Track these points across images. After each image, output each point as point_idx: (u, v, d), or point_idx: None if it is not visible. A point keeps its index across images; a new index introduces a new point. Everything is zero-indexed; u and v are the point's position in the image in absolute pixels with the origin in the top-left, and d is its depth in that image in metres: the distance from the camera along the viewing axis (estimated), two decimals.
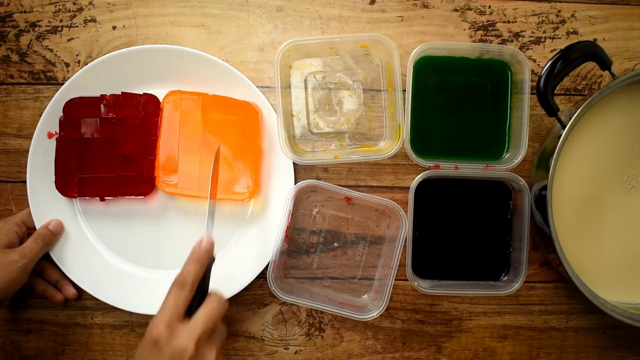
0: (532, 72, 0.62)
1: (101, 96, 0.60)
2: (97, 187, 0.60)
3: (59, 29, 0.63)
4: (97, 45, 0.63)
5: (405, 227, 0.59)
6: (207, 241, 0.52)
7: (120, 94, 0.61)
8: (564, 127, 0.56)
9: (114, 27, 0.63)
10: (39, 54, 0.63)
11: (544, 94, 0.55)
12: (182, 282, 0.49)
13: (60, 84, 0.63)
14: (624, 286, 0.62)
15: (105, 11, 0.63)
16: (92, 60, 0.61)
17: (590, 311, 0.65)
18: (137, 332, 0.63)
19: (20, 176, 0.63)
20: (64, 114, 0.60)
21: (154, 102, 0.61)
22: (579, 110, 0.55)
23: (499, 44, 0.65)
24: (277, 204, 0.62)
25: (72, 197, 0.61)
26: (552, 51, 0.65)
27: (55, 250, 0.61)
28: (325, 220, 0.63)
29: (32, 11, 0.63)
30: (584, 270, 0.59)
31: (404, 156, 0.62)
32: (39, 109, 0.62)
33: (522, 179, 0.60)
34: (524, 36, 0.65)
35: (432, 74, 0.63)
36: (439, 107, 0.63)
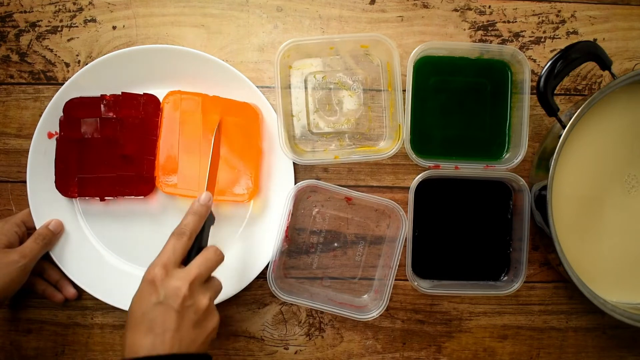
0: (532, 72, 0.62)
1: (101, 96, 0.60)
2: (97, 187, 0.60)
3: (59, 29, 0.63)
4: (97, 45, 0.63)
5: (405, 227, 0.59)
6: (205, 195, 0.55)
7: (120, 94, 0.61)
8: (564, 127, 0.56)
9: (114, 27, 0.63)
10: (39, 54, 0.63)
11: (544, 94, 0.55)
12: (180, 232, 0.51)
13: (60, 84, 0.63)
14: (624, 286, 0.62)
15: (105, 11, 0.63)
16: (92, 60, 0.61)
17: (590, 311, 0.65)
18: None
19: (20, 176, 0.63)
20: (64, 114, 0.60)
21: (154, 102, 0.61)
22: (579, 110, 0.55)
23: (499, 44, 0.65)
24: (277, 204, 0.62)
25: (72, 197, 0.61)
26: (552, 51, 0.65)
27: (55, 250, 0.61)
28: (325, 220, 0.63)
29: (32, 11, 0.63)
30: (584, 270, 0.59)
31: (404, 156, 0.62)
32: (39, 109, 0.62)
33: (522, 179, 0.60)
34: (524, 36, 0.65)
35: (432, 74, 0.63)
36: (439, 107, 0.63)
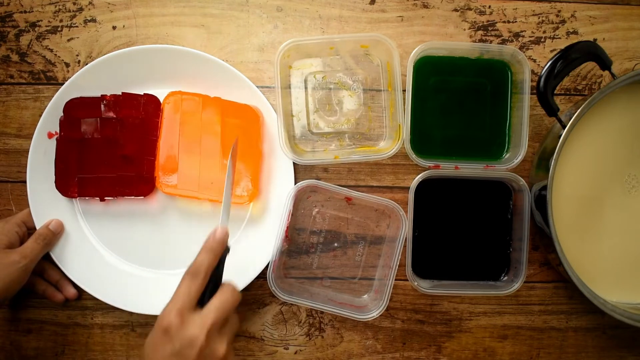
0: (532, 72, 0.62)
1: (101, 96, 0.60)
2: (97, 187, 0.60)
3: (59, 29, 0.63)
4: (97, 45, 0.63)
5: (405, 227, 0.59)
6: (221, 231, 0.51)
7: (120, 94, 0.61)
8: (564, 127, 0.56)
9: (114, 27, 0.63)
10: (39, 54, 0.63)
11: (544, 94, 0.55)
12: (195, 272, 0.48)
13: (60, 84, 0.63)
14: (624, 286, 0.62)
15: (105, 11, 0.63)
16: (92, 60, 0.61)
17: (590, 311, 0.65)
18: (137, 332, 0.63)
19: (20, 176, 0.63)
20: (64, 114, 0.60)
21: (154, 102, 0.61)
22: (579, 110, 0.55)
23: (499, 44, 0.65)
24: (277, 204, 0.62)
25: (72, 197, 0.61)
26: (552, 51, 0.65)
27: (55, 250, 0.61)
28: (325, 220, 0.63)
29: (32, 11, 0.63)
30: (584, 270, 0.59)
31: (404, 156, 0.62)
32: (39, 109, 0.62)
33: (522, 179, 0.60)
34: (524, 36, 0.65)
35: (432, 74, 0.63)
36: (439, 107, 0.63)
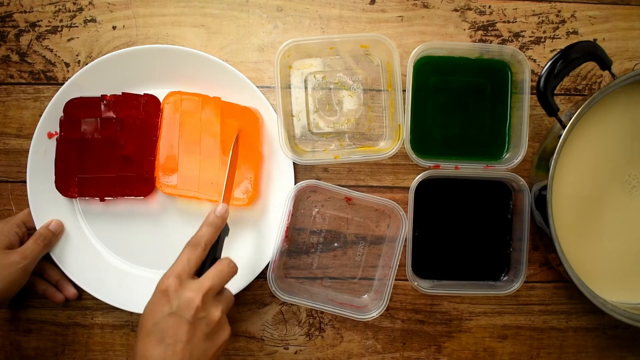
0: (532, 72, 0.62)
1: (101, 96, 0.60)
2: (97, 188, 0.60)
3: (59, 29, 0.63)
4: (97, 45, 0.63)
5: (405, 227, 0.59)
6: (222, 207, 0.55)
7: (120, 94, 0.61)
8: (564, 127, 0.56)
9: (114, 27, 0.63)
10: (39, 54, 0.63)
11: (544, 94, 0.55)
12: (195, 243, 0.52)
13: (60, 84, 0.63)
14: (624, 286, 0.62)
15: (105, 11, 0.63)
16: (92, 60, 0.61)
17: (590, 311, 0.65)
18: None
19: (20, 176, 0.63)
20: (64, 114, 0.60)
21: (155, 102, 0.61)
22: (579, 110, 0.55)
23: (499, 44, 0.65)
24: (277, 204, 0.62)
25: (72, 197, 0.61)
26: (552, 51, 0.65)
27: (55, 250, 0.61)
28: (325, 220, 0.63)
29: (32, 11, 0.63)
30: (584, 270, 0.59)
31: (404, 156, 0.62)
32: (39, 109, 0.62)
33: (522, 179, 0.60)
34: (524, 36, 0.65)
35: (432, 74, 0.63)
36: (439, 107, 0.63)
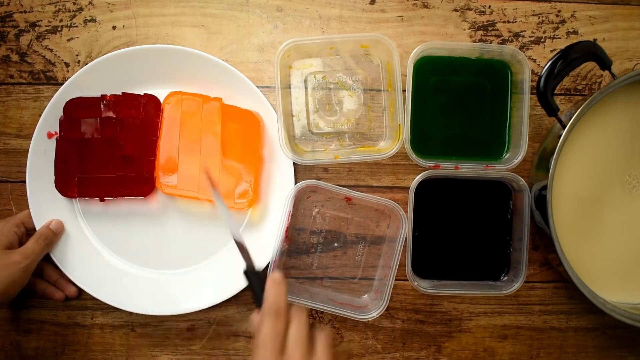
0: (532, 72, 0.62)
1: (101, 96, 0.60)
2: (97, 188, 0.60)
3: (59, 29, 0.63)
4: (97, 45, 0.63)
5: (405, 227, 0.59)
6: (277, 275, 0.48)
7: (120, 94, 0.61)
8: (564, 127, 0.56)
9: (114, 27, 0.63)
10: (39, 54, 0.63)
11: (544, 94, 0.55)
12: (274, 311, 0.45)
13: (60, 84, 0.63)
14: (624, 286, 0.62)
15: (105, 11, 0.63)
16: (92, 60, 0.61)
17: (590, 311, 0.65)
18: (137, 332, 0.63)
19: (20, 176, 0.63)
20: (64, 114, 0.60)
21: (155, 102, 0.61)
22: (579, 110, 0.55)
23: (499, 44, 0.65)
24: (277, 204, 0.62)
25: (72, 197, 0.61)
26: (552, 51, 0.65)
27: (55, 250, 0.61)
28: (325, 220, 0.63)
29: (32, 11, 0.63)
30: (584, 270, 0.59)
31: (404, 156, 0.62)
32: (39, 109, 0.62)
33: (522, 179, 0.60)
34: (524, 36, 0.65)
35: (432, 74, 0.63)
36: (439, 107, 0.63)
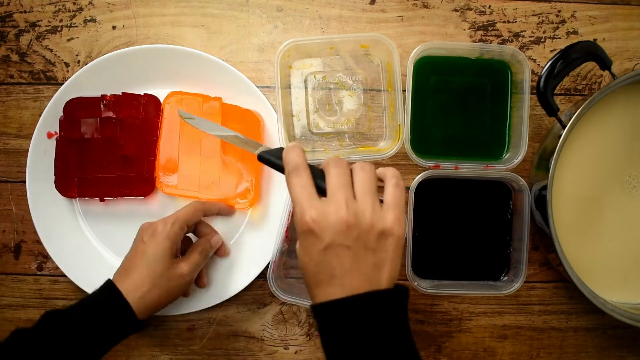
0: (532, 72, 0.62)
1: (101, 96, 0.60)
2: (97, 188, 0.60)
3: (59, 29, 0.63)
4: (97, 45, 0.63)
5: (405, 227, 0.59)
6: (290, 143, 0.46)
7: (120, 94, 0.61)
8: (564, 127, 0.56)
9: (114, 27, 0.63)
10: (39, 54, 0.63)
11: (544, 94, 0.55)
12: (294, 168, 0.43)
13: (60, 83, 0.63)
14: (624, 286, 0.62)
15: (105, 11, 0.63)
16: (92, 60, 0.61)
17: (590, 311, 0.65)
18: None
19: (20, 176, 0.63)
20: (64, 114, 0.60)
21: (155, 102, 0.61)
22: (579, 110, 0.55)
23: (499, 44, 0.65)
24: (278, 204, 0.62)
25: (72, 197, 0.61)
26: (552, 51, 0.65)
27: (54, 250, 0.61)
28: None
29: (32, 11, 0.63)
30: (584, 270, 0.59)
31: (404, 156, 0.62)
32: (39, 109, 0.62)
33: (522, 179, 0.60)
34: (524, 36, 0.65)
35: (432, 74, 0.62)
36: (439, 107, 0.63)
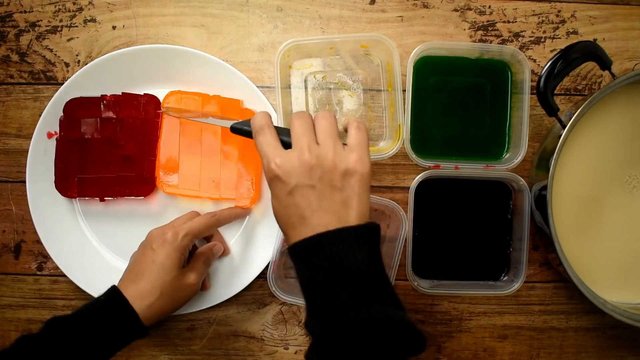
0: (532, 72, 0.62)
1: (101, 96, 0.60)
2: (97, 188, 0.60)
3: (59, 29, 0.63)
4: (97, 45, 0.63)
5: (405, 227, 0.59)
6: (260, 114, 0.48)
7: (120, 94, 0.61)
8: (564, 127, 0.56)
9: (114, 27, 0.63)
10: (39, 54, 0.63)
11: (544, 94, 0.55)
12: (259, 127, 0.46)
13: (60, 84, 0.63)
14: (624, 286, 0.62)
15: (105, 11, 0.63)
16: (92, 60, 0.61)
17: (590, 311, 0.65)
18: None
19: (20, 176, 0.63)
20: (64, 114, 0.60)
21: (155, 102, 0.61)
22: (579, 110, 0.55)
23: (499, 44, 0.65)
24: None
25: (72, 197, 0.61)
26: (552, 51, 0.65)
27: (54, 250, 0.61)
28: None
29: (32, 11, 0.63)
30: (584, 270, 0.59)
31: (404, 156, 0.62)
32: (39, 109, 0.62)
33: (522, 179, 0.60)
34: (524, 36, 0.65)
35: (432, 74, 0.63)
36: (439, 107, 0.63)
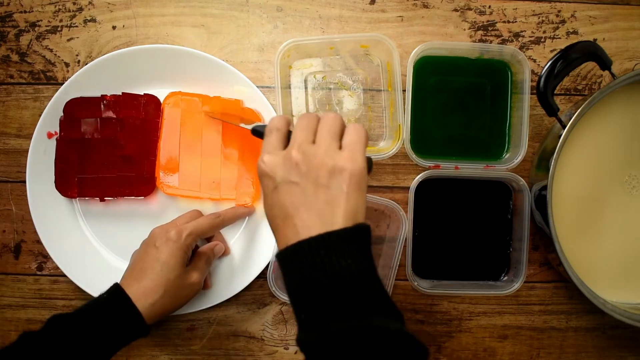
0: (532, 72, 0.62)
1: (101, 96, 0.60)
2: (97, 188, 0.60)
3: (59, 29, 0.63)
4: (97, 45, 0.63)
5: (405, 227, 0.59)
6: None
7: (120, 94, 0.61)
8: (564, 127, 0.56)
9: (114, 27, 0.63)
10: (39, 54, 0.63)
11: (544, 94, 0.55)
12: (272, 128, 0.46)
13: (60, 84, 0.63)
14: (624, 286, 0.62)
15: (105, 11, 0.63)
16: (92, 60, 0.61)
17: (590, 311, 0.65)
18: None
19: (20, 176, 0.63)
20: (64, 114, 0.60)
21: (155, 102, 0.61)
22: (579, 110, 0.55)
23: (499, 44, 0.65)
24: None
25: (72, 197, 0.61)
26: (552, 51, 0.65)
27: (54, 250, 0.61)
28: None
29: (32, 11, 0.63)
30: (584, 270, 0.59)
31: (404, 156, 0.62)
32: (39, 109, 0.62)
33: (522, 179, 0.60)
34: (524, 36, 0.65)
35: (432, 74, 0.63)
36: (439, 107, 0.63)
